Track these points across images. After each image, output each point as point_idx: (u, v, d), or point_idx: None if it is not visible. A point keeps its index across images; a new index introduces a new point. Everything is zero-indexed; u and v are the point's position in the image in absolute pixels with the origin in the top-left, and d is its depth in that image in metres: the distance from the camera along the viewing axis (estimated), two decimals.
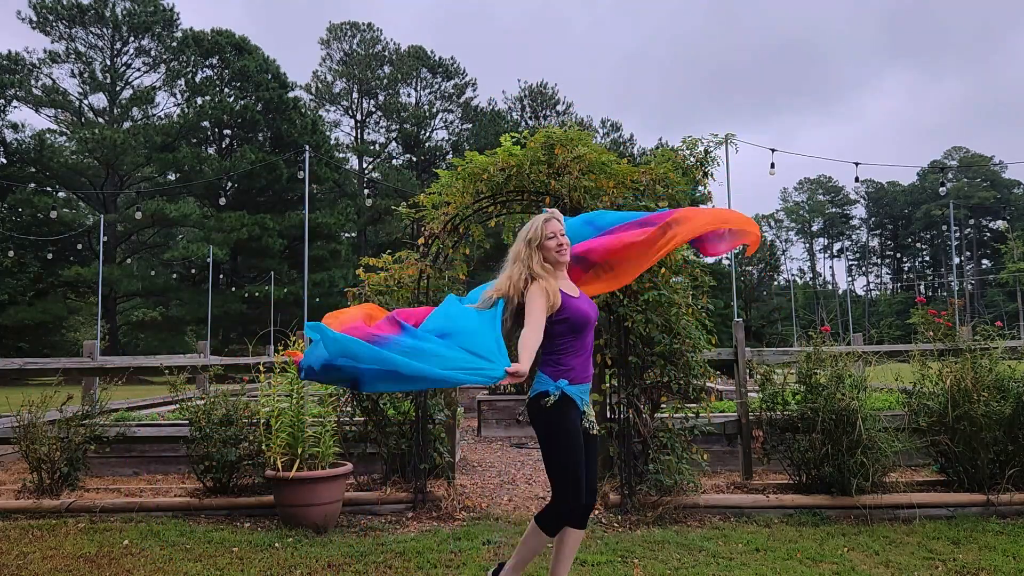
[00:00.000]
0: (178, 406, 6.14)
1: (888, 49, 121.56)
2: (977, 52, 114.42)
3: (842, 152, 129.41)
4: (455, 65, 57.26)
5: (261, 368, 5.64)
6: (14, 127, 38.56)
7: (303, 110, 44.25)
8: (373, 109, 57.13)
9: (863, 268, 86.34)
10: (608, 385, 5.37)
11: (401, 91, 57.06)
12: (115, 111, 41.98)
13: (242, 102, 41.06)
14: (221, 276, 42.27)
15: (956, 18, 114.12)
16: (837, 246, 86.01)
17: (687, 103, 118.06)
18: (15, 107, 39.67)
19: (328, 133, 51.11)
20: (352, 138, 57.29)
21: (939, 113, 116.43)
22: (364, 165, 56.60)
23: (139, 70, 43.06)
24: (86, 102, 42.08)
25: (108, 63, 41.76)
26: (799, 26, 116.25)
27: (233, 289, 41.75)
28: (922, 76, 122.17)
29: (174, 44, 42.30)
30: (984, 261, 75.35)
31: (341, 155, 52.64)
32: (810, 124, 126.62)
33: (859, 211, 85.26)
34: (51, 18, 39.98)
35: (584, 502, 3.06)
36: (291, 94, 44.40)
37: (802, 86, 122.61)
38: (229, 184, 41.05)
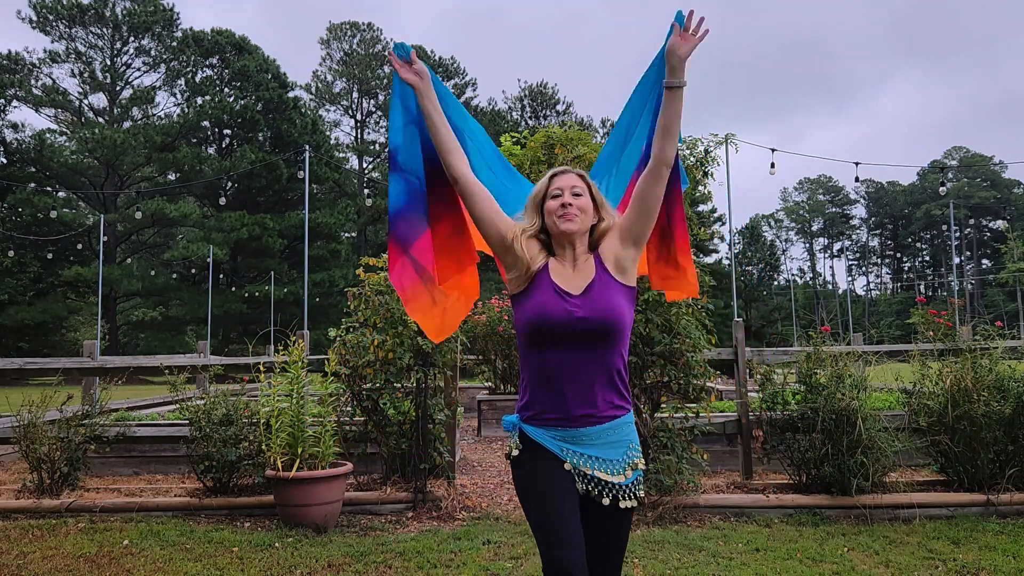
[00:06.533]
0: (178, 406, 6.14)
1: (893, 49, 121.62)
2: (977, 52, 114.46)
3: (846, 152, 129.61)
4: (455, 65, 57.22)
5: (261, 368, 5.64)
6: (14, 127, 38.56)
7: (303, 110, 44.21)
8: (373, 109, 57.11)
9: (863, 268, 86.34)
10: None
11: None
12: (115, 111, 41.94)
13: (242, 102, 41.01)
14: (221, 276, 42.22)
15: (957, 18, 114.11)
16: (837, 246, 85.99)
17: (692, 102, 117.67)
18: (15, 107, 39.70)
19: (328, 133, 51.10)
20: (352, 138, 57.28)
21: (939, 113, 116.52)
22: (364, 165, 56.57)
23: (139, 70, 43.04)
24: (86, 102, 42.05)
25: (108, 63, 41.71)
26: (806, 26, 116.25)
27: (233, 289, 41.68)
28: (923, 76, 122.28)
29: (174, 44, 42.25)
30: (984, 261, 75.30)
31: (341, 155, 52.61)
32: (816, 123, 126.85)
33: (859, 211, 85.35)
34: (51, 18, 39.92)
35: None
36: (291, 94, 44.36)
37: (808, 85, 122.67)
38: (229, 184, 41.04)
